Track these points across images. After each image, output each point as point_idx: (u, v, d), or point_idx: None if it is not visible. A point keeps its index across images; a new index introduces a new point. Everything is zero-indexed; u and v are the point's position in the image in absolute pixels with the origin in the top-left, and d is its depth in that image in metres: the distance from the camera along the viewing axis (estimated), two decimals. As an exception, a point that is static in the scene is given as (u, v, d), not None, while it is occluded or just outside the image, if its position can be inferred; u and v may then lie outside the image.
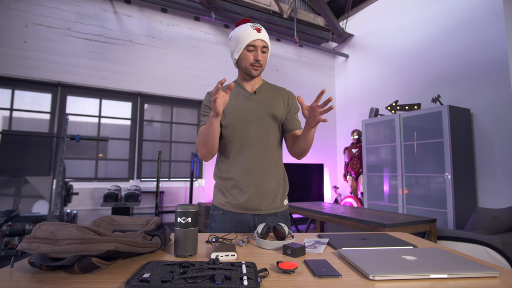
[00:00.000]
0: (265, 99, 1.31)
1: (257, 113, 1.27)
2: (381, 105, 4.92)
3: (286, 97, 1.35)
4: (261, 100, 1.30)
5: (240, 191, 1.24)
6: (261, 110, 1.27)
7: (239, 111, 1.26)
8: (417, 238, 1.11)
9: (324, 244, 0.97)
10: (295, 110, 1.36)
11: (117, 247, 0.70)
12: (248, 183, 1.23)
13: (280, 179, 1.31)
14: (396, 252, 0.84)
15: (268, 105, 1.29)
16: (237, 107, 1.27)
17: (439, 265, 0.74)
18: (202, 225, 4.18)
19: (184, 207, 0.84)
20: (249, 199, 1.23)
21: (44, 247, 0.65)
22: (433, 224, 2.46)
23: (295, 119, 1.35)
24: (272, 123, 1.28)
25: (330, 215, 2.78)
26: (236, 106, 1.27)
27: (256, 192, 1.23)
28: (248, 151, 1.25)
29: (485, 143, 3.58)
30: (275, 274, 0.70)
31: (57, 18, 3.91)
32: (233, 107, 1.27)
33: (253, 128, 1.25)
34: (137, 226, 0.97)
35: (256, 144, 1.25)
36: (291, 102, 1.35)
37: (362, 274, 0.70)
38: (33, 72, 3.73)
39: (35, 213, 3.40)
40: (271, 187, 1.26)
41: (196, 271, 0.66)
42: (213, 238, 1.03)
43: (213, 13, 4.60)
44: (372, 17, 5.29)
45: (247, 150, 1.25)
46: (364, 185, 4.59)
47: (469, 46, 3.78)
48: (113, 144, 4.27)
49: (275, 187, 1.27)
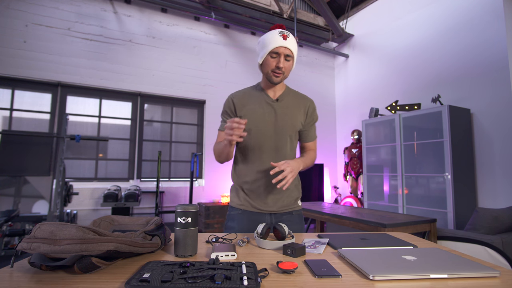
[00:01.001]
0: (286, 107, 1.31)
1: (277, 121, 1.28)
2: (381, 105, 4.92)
3: (307, 106, 1.34)
4: (282, 108, 1.30)
5: (256, 195, 1.28)
6: (281, 119, 1.28)
7: (260, 118, 1.28)
8: (417, 238, 1.11)
9: (324, 244, 0.97)
10: (312, 121, 1.37)
11: (117, 247, 0.70)
12: (263, 188, 1.27)
13: (294, 184, 1.34)
14: (396, 252, 0.84)
15: (289, 114, 1.30)
16: (258, 114, 1.28)
17: (439, 265, 0.74)
18: (202, 225, 4.18)
19: (184, 207, 0.84)
20: (264, 202, 1.27)
21: (44, 247, 0.65)
22: (433, 224, 2.46)
23: (310, 131, 1.36)
24: (290, 131, 1.30)
25: (330, 215, 2.78)
26: (257, 113, 1.28)
27: (271, 197, 1.27)
28: (265, 157, 1.27)
29: (485, 143, 3.58)
30: (275, 274, 0.70)
31: (57, 18, 3.91)
32: (254, 113, 1.28)
33: (271, 135, 1.28)
34: (137, 226, 0.97)
35: (273, 150, 1.28)
36: (311, 112, 1.35)
37: (362, 274, 0.70)
38: (33, 72, 3.73)
39: (35, 213, 3.40)
40: (286, 193, 1.29)
41: (196, 271, 0.66)
42: (213, 238, 1.03)
43: (213, 13, 4.60)
44: (372, 17, 5.29)
45: (264, 156, 1.27)
46: (364, 185, 4.59)
47: (469, 46, 3.78)
48: (113, 144, 4.27)
49: (289, 192, 1.31)
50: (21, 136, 3.46)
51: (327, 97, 6.04)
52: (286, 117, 1.29)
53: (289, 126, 1.28)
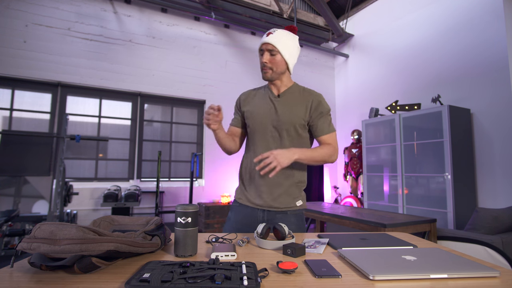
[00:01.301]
0: (287, 103, 1.31)
1: (276, 116, 1.29)
2: (381, 105, 4.92)
3: (310, 101, 1.30)
4: (283, 104, 1.31)
5: (255, 188, 1.31)
6: (280, 113, 1.29)
7: (261, 113, 1.32)
8: (417, 238, 1.11)
9: (324, 244, 0.97)
10: (320, 114, 1.30)
11: (117, 247, 0.70)
12: (261, 182, 1.29)
13: (294, 182, 1.31)
14: (396, 252, 0.84)
15: (288, 109, 1.29)
16: (260, 109, 1.33)
17: (439, 265, 0.74)
18: (202, 225, 4.18)
19: (184, 207, 0.84)
20: (260, 196, 1.29)
21: (44, 247, 0.65)
22: (433, 224, 2.46)
23: (318, 124, 1.30)
24: (288, 126, 1.28)
25: (330, 215, 2.78)
26: (259, 108, 1.33)
27: (268, 192, 1.28)
28: (262, 151, 1.29)
29: (485, 143, 3.58)
30: (275, 274, 0.70)
31: (57, 18, 3.91)
32: (256, 109, 1.34)
33: (271, 130, 1.30)
34: (137, 226, 0.97)
35: (273, 146, 1.29)
36: (315, 105, 1.29)
37: (362, 274, 0.71)
38: (33, 72, 3.73)
39: (35, 213, 3.40)
40: (283, 189, 1.29)
41: (196, 271, 0.66)
42: (213, 238, 1.03)
43: (213, 13, 4.60)
44: (372, 17, 5.29)
45: (261, 151, 1.30)
46: (364, 185, 4.59)
47: (469, 46, 3.78)
48: (113, 144, 4.27)
49: (287, 189, 1.30)
50: (21, 136, 3.46)
51: (327, 97, 6.04)
52: (285, 113, 1.29)
53: (287, 121, 1.28)
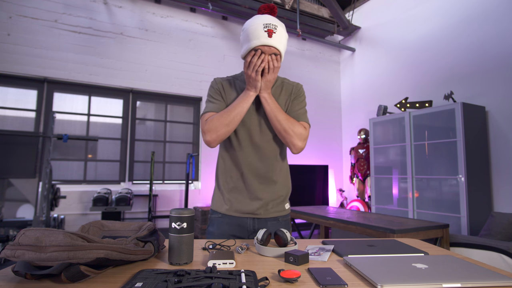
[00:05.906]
0: None
1: (259, 113, 1.26)
2: (390, 102, 4.92)
3: (290, 91, 1.30)
4: None
5: (240, 193, 1.26)
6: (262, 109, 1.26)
7: None
8: (428, 245, 1.12)
9: (329, 251, 0.97)
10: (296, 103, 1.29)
11: (107, 255, 0.70)
12: (247, 185, 1.25)
13: (282, 182, 1.31)
14: (405, 259, 0.84)
15: None
16: None
17: (452, 273, 0.74)
18: (198, 231, 4.19)
19: (179, 212, 0.84)
20: (248, 203, 1.25)
21: (29, 254, 0.65)
22: (445, 229, 2.46)
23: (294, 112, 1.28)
24: None
25: (336, 220, 2.78)
26: None
27: (256, 196, 1.25)
28: (249, 152, 1.25)
29: (501, 143, 3.58)
30: (277, 283, 0.70)
31: (43, 10, 3.91)
32: None
33: (254, 128, 1.26)
34: (128, 232, 0.97)
35: (257, 145, 1.26)
36: (294, 96, 1.30)
37: (369, 283, 0.71)
38: (17, 67, 3.73)
39: (20, 218, 3.40)
40: (272, 190, 1.27)
41: (192, 280, 0.66)
42: (210, 244, 1.03)
43: (210, 4, 4.61)
44: (380, 8, 5.29)
45: (248, 152, 1.25)
46: (372, 188, 4.60)
47: (483, 39, 3.78)
48: (103, 144, 4.27)
49: (276, 190, 1.28)
50: (5, 135, 3.46)
51: (332, 94, 6.05)
52: None
53: None
